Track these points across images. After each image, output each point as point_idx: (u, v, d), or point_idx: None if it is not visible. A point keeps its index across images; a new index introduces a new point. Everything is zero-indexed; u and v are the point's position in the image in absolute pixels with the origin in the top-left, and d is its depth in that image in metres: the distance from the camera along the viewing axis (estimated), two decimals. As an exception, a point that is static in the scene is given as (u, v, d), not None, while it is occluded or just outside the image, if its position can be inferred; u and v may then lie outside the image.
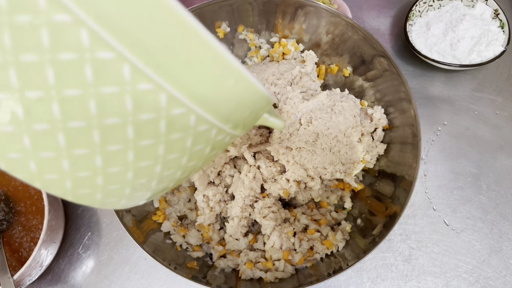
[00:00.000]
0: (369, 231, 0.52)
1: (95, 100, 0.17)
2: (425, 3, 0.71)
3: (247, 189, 0.54)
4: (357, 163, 0.57)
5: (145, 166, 0.20)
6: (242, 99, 0.22)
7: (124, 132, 0.18)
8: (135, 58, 0.17)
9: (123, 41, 0.16)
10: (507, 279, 0.59)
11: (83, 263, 0.61)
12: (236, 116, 0.22)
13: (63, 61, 0.16)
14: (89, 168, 0.19)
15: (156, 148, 0.20)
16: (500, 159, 0.66)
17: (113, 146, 0.19)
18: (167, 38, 0.17)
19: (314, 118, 0.55)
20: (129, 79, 0.17)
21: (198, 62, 0.18)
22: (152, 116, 0.18)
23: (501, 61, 0.71)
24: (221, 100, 0.20)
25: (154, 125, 0.19)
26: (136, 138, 0.19)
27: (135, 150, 0.19)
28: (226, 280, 0.51)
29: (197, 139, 0.21)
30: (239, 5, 0.58)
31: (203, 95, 0.19)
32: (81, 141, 0.18)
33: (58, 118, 0.17)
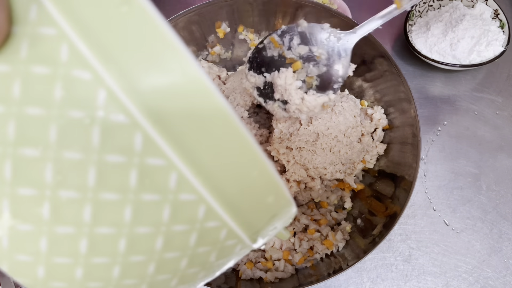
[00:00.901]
0: (369, 231, 0.52)
1: (132, 207, 0.16)
2: (425, 3, 0.71)
3: (247, 189, 0.54)
4: (357, 163, 0.57)
5: (161, 279, 0.19)
6: (275, 220, 0.20)
7: (153, 243, 0.17)
8: (185, 167, 0.15)
9: (175, 147, 0.15)
10: (507, 279, 0.59)
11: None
12: (264, 234, 0.21)
13: (109, 163, 0.15)
14: (104, 279, 0.17)
15: (179, 261, 0.18)
16: (500, 159, 0.66)
17: (136, 256, 0.17)
18: (220, 149, 0.16)
19: (314, 118, 0.55)
20: (174, 188, 0.16)
21: (245, 176, 0.17)
22: (186, 227, 0.17)
23: (501, 61, 0.71)
24: (256, 217, 0.19)
25: (185, 237, 0.17)
26: (163, 249, 0.17)
27: (158, 262, 0.18)
28: (226, 280, 0.51)
29: (222, 253, 0.20)
30: (239, 5, 0.58)
31: (241, 211, 0.18)
32: (104, 248, 0.16)
33: (87, 222, 0.15)
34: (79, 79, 0.14)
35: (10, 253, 0.16)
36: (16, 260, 0.16)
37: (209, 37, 0.62)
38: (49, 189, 0.15)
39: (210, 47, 0.64)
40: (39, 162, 0.14)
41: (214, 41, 0.63)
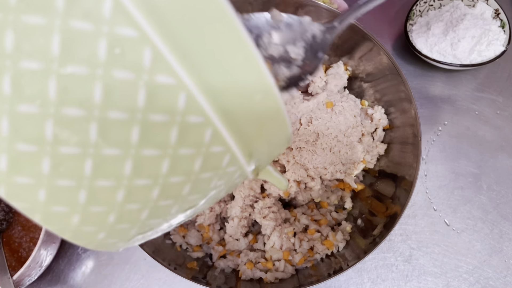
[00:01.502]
0: (370, 231, 0.52)
1: (140, 128, 0.15)
2: (425, 3, 0.71)
3: (246, 189, 0.53)
4: (357, 163, 0.57)
5: (163, 205, 0.18)
6: (265, 122, 0.19)
7: (159, 166, 0.16)
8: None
9: (185, 66, 0.15)
10: (507, 279, 0.59)
11: (82, 264, 0.61)
12: (254, 145, 0.19)
13: (116, 79, 0.14)
14: (108, 202, 0.16)
15: (183, 186, 0.18)
16: (501, 159, 0.66)
17: (141, 180, 0.16)
18: (200, 24, 0.15)
19: (314, 118, 0.55)
20: (182, 109, 0.15)
21: (250, 100, 0.17)
22: (192, 151, 0.17)
23: (501, 61, 0.71)
24: (243, 116, 0.17)
25: (191, 161, 0.17)
26: (168, 173, 0.17)
27: (162, 186, 0.17)
28: (226, 281, 0.51)
29: (221, 180, 0.19)
30: (239, 5, 0.58)
31: (245, 137, 0.18)
32: (109, 170, 0.15)
33: (92, 142, 0.15)
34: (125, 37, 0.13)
35: (9, 175, 0.15)
36: (15, 183, 0.15)
37: (209, 37, 0.62)
38: (52, 106, 0.14)
39: (210, 47, 0.63)
40: (42, 77, 0.13)
41: (214, 40, 0.63)
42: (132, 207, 0.17)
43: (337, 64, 0.61)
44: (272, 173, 0.31)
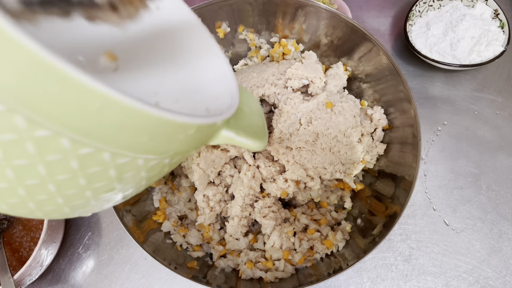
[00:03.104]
0: (369, 231, 0.52)
1: (31, 144, 0.20)
2: (425, 3, 0.71)
3: (246, 188, 0.54)
4: (357, 163, 0.57)
5: (70, 194, 0.24)
6: (124, 123, 0.21)
7: (36, 171, 0.21)
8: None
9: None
10: (507, 279, 0.59)
11: (83, 263, 0.61)
12: (130, 140, 0.22)
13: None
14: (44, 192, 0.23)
15: (75, 180, 0.23)
16: (500, 159, 0.66)
17: (31, 180, 0.22)
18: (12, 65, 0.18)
19: (314, 118, 0.55)
20: (25, 129, 0.19)
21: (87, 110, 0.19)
22: (57, 157, 0.21)
23: (501, 61, 0.72)
24: (92, 123, 0.20)
25: (64, 163, 0.21)
26: (52, 174, 0.22)
27: (55, 183, 0.23)
28: (226, 280, 0.51)
29: (85, 163, 0.22)
30: (239, 5, 0.58)
31: (64, 117, 0.20)
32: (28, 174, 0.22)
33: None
34: None
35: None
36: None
37: (209, 37, 0.62)
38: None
39: (210, 47, 0.64)
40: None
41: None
42: (42, 197, 0.23)
43: (337, 65, 0.61)
44: (234, 139, 0.31)
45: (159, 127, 0.22)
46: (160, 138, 0.23)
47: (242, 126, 0.33)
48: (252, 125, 0.35)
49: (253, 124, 0.35)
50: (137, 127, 0.22)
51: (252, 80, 0.58)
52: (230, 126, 0.31)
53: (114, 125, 0.21)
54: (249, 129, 0.33)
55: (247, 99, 0.37)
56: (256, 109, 0.38)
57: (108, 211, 0.64)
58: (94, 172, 0.23)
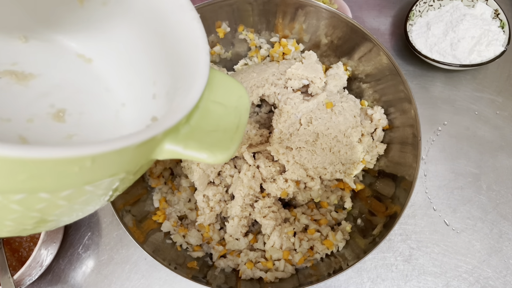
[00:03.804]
0: (369, 231, 0.52)
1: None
2: (425, 3, 0.71)
3: (246, 188, 0.54)
4: (357, 163, 0.57)
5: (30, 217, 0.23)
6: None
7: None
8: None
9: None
10: (507, 279, 0.59)
11: (83, 263, 0.61)
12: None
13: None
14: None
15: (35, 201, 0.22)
16: (500, 159, 0.66)
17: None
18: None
19: (314, 118, 0.55)
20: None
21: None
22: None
23: (501, 61, 0.71)
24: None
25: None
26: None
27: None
28: (226, 280, 0.51)
29: (28, 205, 0.22)
30: (239, 5, 0.58)
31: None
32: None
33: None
34: None
35: None
36: None
37: (209, 37, 0.62)
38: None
39: (210, 46, 0.64)
40: None
41: (214, 40, 0.63)
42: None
43: (337, 65, 0.61)
44: (182, 153, 0.25)
45: (39, 166, 0.20)
46: (46, 176, 0.21)
47: (196, 136, 0.26)
48: (215, 132, 0.28)
49: (220, 128, 0.28)
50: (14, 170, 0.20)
51: (252, 80, 0.58)
52: (178, 137, 0.25)
53: (36, 176, 0.20)
54: (208, 139, 0.27)
55: (226, 92, 0.30)
56: (235, 107, 0.30)
57: (108, 211, 0.64)
58: (42, 207, 0.22)
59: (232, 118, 0.29)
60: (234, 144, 0.28)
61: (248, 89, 0.58)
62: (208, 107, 0.28)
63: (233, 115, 0.30)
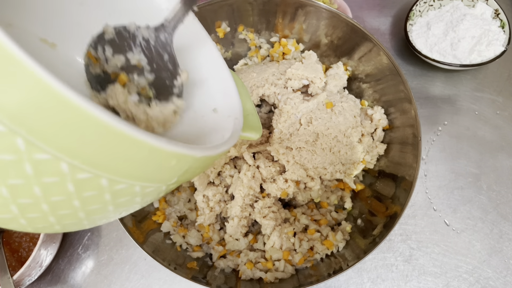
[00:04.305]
0: (369, 231, 0.52)
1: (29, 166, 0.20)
2: (425, 3, 0.71)
3: (246, 188, 0.53)
4: (357, 164, 0.57)
5: (64, 214, 0.24)
6: (128, 155, 0.21)
7: (32, 191, 0.21)
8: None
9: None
10: (507, 279, 0.59)
11: (82, 263, 0.61)
12: (132, 170, 0.22)
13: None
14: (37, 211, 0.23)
15: (70, 202, 0.23)
16: (500, 159, 0.66)
17: (24, 199, 0.22)
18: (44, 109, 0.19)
19: (314, 118, 0.55)
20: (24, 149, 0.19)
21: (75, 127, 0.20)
22: (55, 179, 0.21)
23: (501, 61, 0.71)
24: (92, 152, 0.20)
25: (62, 187, 0.22)
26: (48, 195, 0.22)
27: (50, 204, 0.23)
28: (226, 281, 0.51)
29: (81, 187, 0.22)
30: (239, 5, 0.58)
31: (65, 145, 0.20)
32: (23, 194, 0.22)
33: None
34: None
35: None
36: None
37: (209, 37, 0.62)
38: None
39: (210, 47, 0.63)
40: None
41: (214, 40, 0.63)
42: (34, 216, 0.23)
43: (337, 65, 0.61)
44: (241, 135, 0.35)
45: (166, 161, 0.22)
46: (165, 169, 0.23)
47: (244, 121, 0.36)
48: (248, 115, 0.39)
49: (249, 112, 0.40)
50: (145, 159, 0.21)
51: (252, 80, 0.58)
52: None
53: (117, 155, 0.21)
54: (248, 122, 0.38)
55: (236, 81, 0.40)
56: (244, 91, 0.41)
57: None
58: (90, 195, 0.23)
59: (249, 102, 0.41)
60: (260, 123, 0.41)
61: (248, 89, 0.58)
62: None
63: (248, 99, 0.41)
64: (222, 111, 0.38)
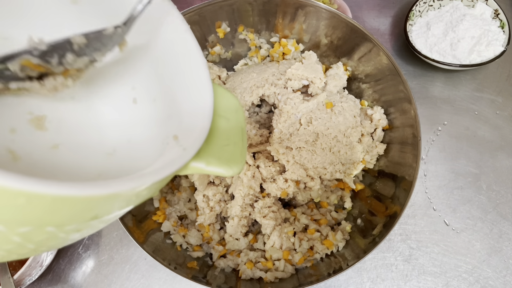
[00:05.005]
0: (369, 231, 0.52)
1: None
2: (425, 3, 0.71)
3: (246, 188, 0.54)
4: (357, 163, 0.57)
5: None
6: (56, 209, 0.20)
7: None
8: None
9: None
10: (507, 279, 0.59)
11: (83, 263, 0.61)
12: (72, 217, 0.21)
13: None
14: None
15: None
16: (500, 159, 0.66)
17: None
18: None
19: (314, 118, 0.55)
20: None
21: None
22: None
23: (501, 61, 0.71)
24: (24, 214, 0.19)
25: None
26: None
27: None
28: (226, 280, 0.51)
29: (28, 237, 0.21)
30: (239, 5, 0.58)
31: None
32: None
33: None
34: None
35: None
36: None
37: (209, 37, 0.62)
38: None
39: (210, 47, 0.64)
40: None
41: (214, 41, 0.63)
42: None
43: (337, 65, 0.61)
44: (204, 169, 0.27)
45: (95, 203, 0.20)
46: (100, 208, 0.21)
47: (214, 151, 0.28)
48: (228, 146, 0.29)
49: (230, 141, 0.30)
50: (75, 208, 0.20)
51: (252, 80, 0.58)
52: (199, 154, 0.26)
53: (49, 212, 0.19)
54: (224, 154, 0.29)
55: (225, 105, 0.31)
56: (235, 119, 0.32)
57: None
58: (41, 239, 0.22)
59: (236, 131, 0.31)
60: (244, 156, 0.30)
61: (248, 89, 0.58)
62: (216, 121, 0.29)
63: (236, 128, 0.31)
64: (181, 137, 0.29)
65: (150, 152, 0.30)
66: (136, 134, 0.33)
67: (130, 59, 0.33)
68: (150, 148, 0.31)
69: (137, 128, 0.33)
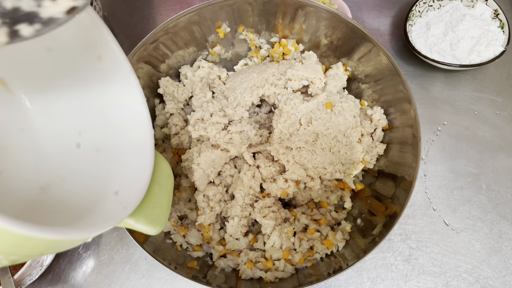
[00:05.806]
0: (369, 231, 0.52)
1: None
2: (425, 3, 0.71)
3: (246, 188, 0.54)
4: (356, 164, 0.57)
5: None
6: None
7: None
8: None
9: None
10: (506, 279, 0.59)
11: (83, 263, 0.61)
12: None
13: None
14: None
15: None
16: (500, 159, 0.66)
17: None
18: None
19: (314, 119, 0.55)
20: None
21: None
22: None
23: (501, 61, 0.71)
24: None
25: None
26: None
27: None
28: (226, 280, 0.51)
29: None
30: (239, 5, 0.58)
31: None
32: None
33: None
34: None
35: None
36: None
37: (209, 37, 0.62)
38: None
39: (210, 47, 0.64)
40: None
41: (214, 41, 0.63)
42: None
43: (337, 65, 0.61)
44: (133, 226, 0.31)
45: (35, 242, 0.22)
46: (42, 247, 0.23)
47: (144, 211, 0.32)
48: (156, 208, 0.33)
49: (158, 205, 0.34)
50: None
51: (252, 80, 0.58)
52: (132, 212, 0.30)
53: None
54: (151, 215, 0.32)
55: (160, 172, 0.35)
56: (166, 185, 0.36)
57: (108, 211, 0.64)
58: None
59: (165, 196, 0.35)
60: (167, 220, 0.35)
61: (248, 89, 0.58)
62: (150, 185, 0.33)
63: (165, 193, 0.35)
64: (120, 193, 0.32)
65: (84, 197, 0.33)
66: (72, 175, 0.35)
67: (85, 100, 0.35)
68: (85, 194, 0.34)
69: (75, 170, 0.36)
